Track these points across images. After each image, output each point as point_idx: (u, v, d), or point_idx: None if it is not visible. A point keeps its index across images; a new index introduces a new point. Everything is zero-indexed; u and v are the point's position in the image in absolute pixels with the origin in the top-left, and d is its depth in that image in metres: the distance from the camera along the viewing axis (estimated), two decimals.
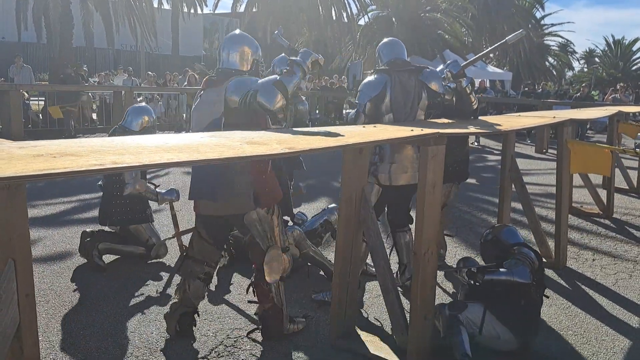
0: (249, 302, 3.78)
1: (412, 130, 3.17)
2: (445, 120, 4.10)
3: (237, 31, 3.55)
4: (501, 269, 3.35)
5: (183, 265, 3.51)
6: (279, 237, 3.34)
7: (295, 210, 5.35)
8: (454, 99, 4.21)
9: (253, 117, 3.22)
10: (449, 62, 4.30)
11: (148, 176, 8.28)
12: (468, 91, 4.19)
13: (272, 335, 3.42)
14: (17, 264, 1.65)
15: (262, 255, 3.27)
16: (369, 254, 3.74)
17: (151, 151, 1.96)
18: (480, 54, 4.62)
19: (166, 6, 30.55)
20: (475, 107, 4.37)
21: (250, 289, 3.53)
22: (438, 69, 4.31)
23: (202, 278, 3.45)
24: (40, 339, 3.31)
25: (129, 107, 5.14)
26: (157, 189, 4.86)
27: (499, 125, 4.12)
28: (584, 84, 19.56)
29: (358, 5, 26.46)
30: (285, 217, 4.99)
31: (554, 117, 5.17)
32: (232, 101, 3.14)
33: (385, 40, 4.32)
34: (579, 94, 17.32)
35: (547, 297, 3.69)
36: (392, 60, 4.07)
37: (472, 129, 3.75)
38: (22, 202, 1.60)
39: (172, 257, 4.87)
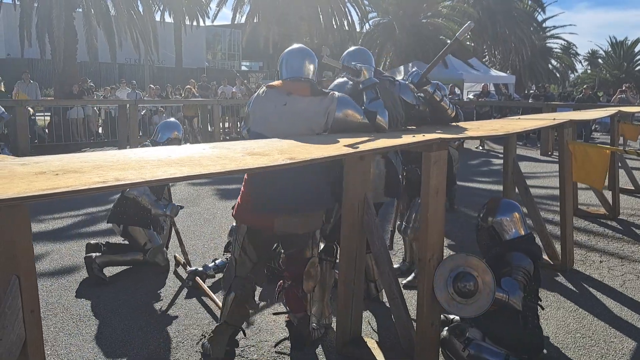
0: (275, 314, 3.80)
1: (413, 136, 3.17)
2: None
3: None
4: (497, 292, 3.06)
5: (233, 284, 3.26)
6: (315, 247, 3.40)
7: None
8: (427, 109, 3.97)
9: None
10: (411, 71, 4.04)
11: None
12: (437, 99, 3.89)
13: (303, 344, 3.41)
14: (21, 281, 1.65)
15: (302, 265, 3.27)
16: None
17: (153, 165, 1.95)
18: (435, 58, 4.10)
19: (168, 19, 30.83)
20: (452, 114, 4.04)
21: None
22: (400, 79, 4.06)
23: (252, 294, 3.34)
24: (48, 352, 3.35)
25: (160, 123, 5.34)
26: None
27: (496, 129, 4.06)
28: (585, 86, 19.63)
29: (359, 14, 26.53)
30: None
31: (554, 119, 5.17)
32: (354, 117, 3.26)
33: (351, 48, 4.10)
34: (581, 95, 17.47)
35: (543, 308, 3.62)
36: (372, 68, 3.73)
37: (472, 133, 3.72)
38: (24, 219, 1.61)
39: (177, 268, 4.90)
